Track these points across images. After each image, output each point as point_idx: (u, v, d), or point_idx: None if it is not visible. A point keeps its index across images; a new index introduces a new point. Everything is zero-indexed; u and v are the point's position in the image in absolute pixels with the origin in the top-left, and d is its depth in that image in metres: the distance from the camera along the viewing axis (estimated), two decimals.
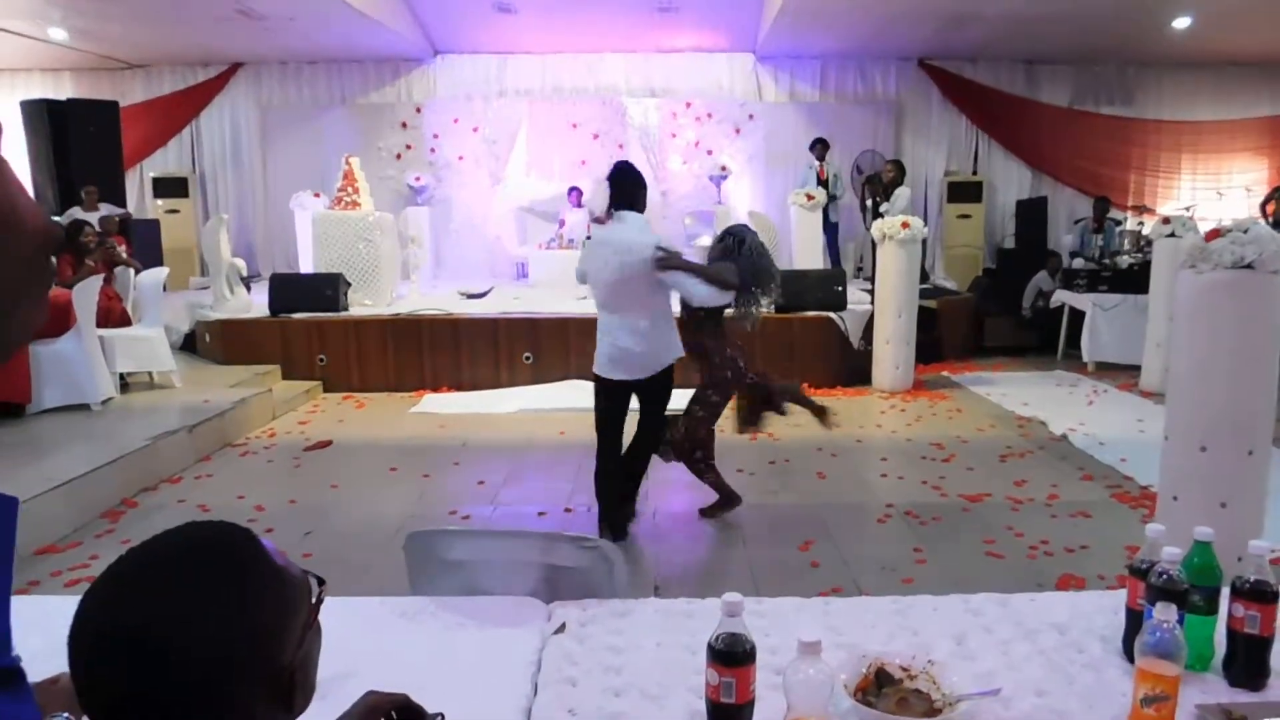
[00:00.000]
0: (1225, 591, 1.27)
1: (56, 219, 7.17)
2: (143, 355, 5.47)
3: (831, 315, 6.54)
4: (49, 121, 8.19)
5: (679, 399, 3.53)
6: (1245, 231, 2.53)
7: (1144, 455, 4.22)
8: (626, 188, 3.31)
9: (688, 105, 9.70)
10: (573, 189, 9.21)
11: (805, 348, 6.50)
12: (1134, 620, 1.30)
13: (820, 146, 8.63)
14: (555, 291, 7.70)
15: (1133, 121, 9.75)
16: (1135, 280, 7.00)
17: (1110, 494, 4.04)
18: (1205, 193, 9.57)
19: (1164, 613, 1.06)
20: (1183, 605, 1.17)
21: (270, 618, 0.72)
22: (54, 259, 0.44)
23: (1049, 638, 1.40)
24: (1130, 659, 1.28)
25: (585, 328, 6.52)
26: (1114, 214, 8.88)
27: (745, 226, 3.69)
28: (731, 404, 3.69)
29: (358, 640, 1.34)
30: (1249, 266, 2.52)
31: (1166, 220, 6.33)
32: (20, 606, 1.53)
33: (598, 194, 8.33)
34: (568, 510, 3.85)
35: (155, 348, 5.50)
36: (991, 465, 4.54)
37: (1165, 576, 1.21)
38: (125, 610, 0.68)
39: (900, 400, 6.12)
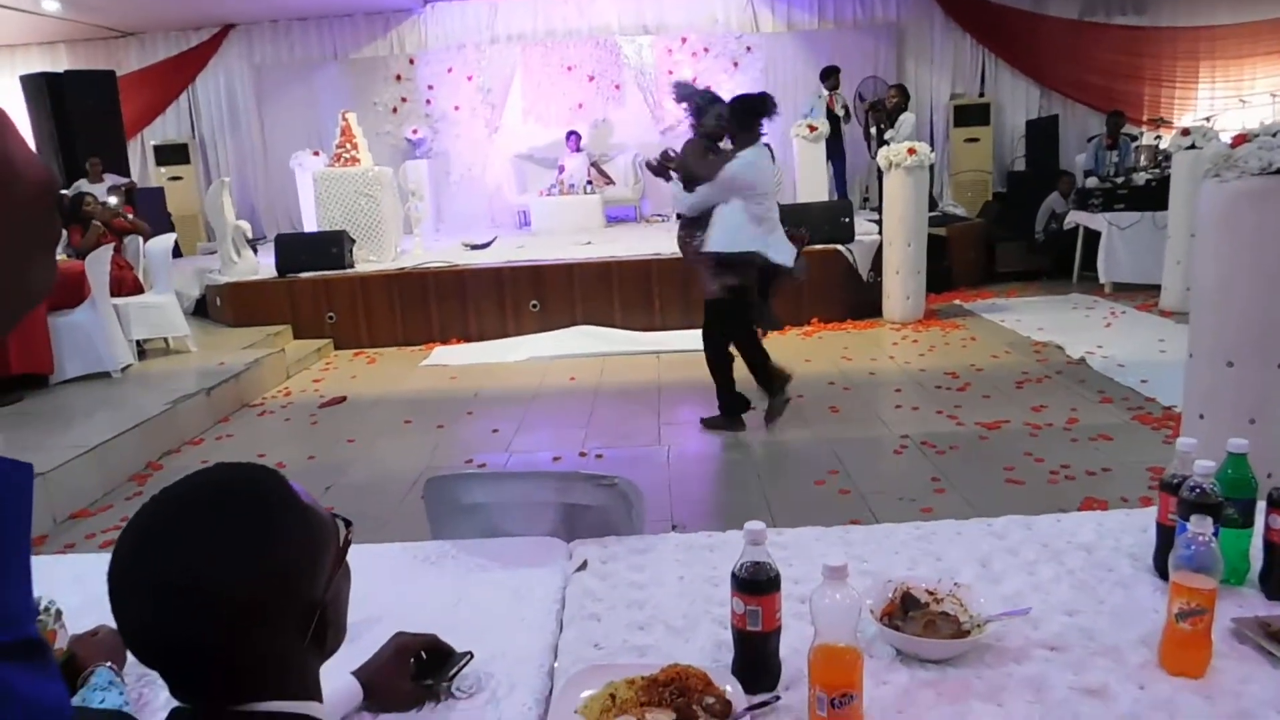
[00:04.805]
0: (1260, 505, 1.24)
1: (64, 192, 7.17)
2: (157, 322, 5.54)
3: (839, 248, 6.44)
4: (49, 95, 8.11)
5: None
6: (1275, 135, 2.42)
7: (1166, 376, 4.17)
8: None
9: (683, 41, 9.43)
10: (571, 133, 9.02)
11: (813, 282, 6.31)
12: (1165, 536, 1.28)
13: (832, 76, 8.30)
14: (558, 239, 7.61)
15: (1146, 31, 9.35)
16: (1153, 197, 6.81)
17: (1131, 416, 4.00)
18: (1226, 101, 9.20)
19: (1200, 525, 1.03)
20: (1218, 518, 1.14)
21: (299, 556, 0.72)
22: (58, 214, 0.41)
23: (1076, 558, 1.38)
24: (1162, 575, 1.26)
25: (590, 273, 6.54)
26: (1129, 129, 8.58)
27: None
28: None
29: (382, 585, 1.34)
30: (1278, 172, 2.42)
31: (1186, 132, 6.10)
32: (57, 567, 1.56)
33: None
34: (582, 454, 3.87)
35: (168, 314, 5.57)
36: (1008, 392, 4.50)
37: (1199, 490, 1.17)
38: (155, 555, 0.69)
39: (912, 331, 6.06)
